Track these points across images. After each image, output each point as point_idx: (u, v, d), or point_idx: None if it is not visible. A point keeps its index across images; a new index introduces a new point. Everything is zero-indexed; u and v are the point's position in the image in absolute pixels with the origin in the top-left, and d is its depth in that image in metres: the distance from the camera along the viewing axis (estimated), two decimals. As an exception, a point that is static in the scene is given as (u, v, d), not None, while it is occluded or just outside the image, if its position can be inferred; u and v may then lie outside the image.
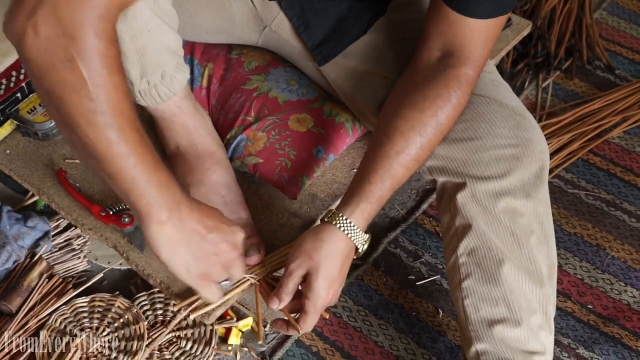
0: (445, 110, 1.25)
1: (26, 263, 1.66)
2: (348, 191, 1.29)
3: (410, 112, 1.26)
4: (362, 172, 1.28)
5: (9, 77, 1.55)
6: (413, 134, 1.25)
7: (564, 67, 2.17)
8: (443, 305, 1.69)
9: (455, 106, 1.26)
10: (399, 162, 1.25)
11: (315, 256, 1.25)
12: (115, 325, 1.60)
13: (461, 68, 1.26)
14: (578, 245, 1.79)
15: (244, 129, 1.53)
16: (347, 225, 1.26)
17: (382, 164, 1.25)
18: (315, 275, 1.25)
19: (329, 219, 1.27)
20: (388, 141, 1.26)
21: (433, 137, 1.26)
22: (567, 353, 1.62)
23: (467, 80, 1.26)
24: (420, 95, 1.26)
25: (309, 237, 1.28)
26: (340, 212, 1.26)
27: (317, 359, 1.61)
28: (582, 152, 1.96)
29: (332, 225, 1.26)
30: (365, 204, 1.26)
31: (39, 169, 1.57)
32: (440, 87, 1.26)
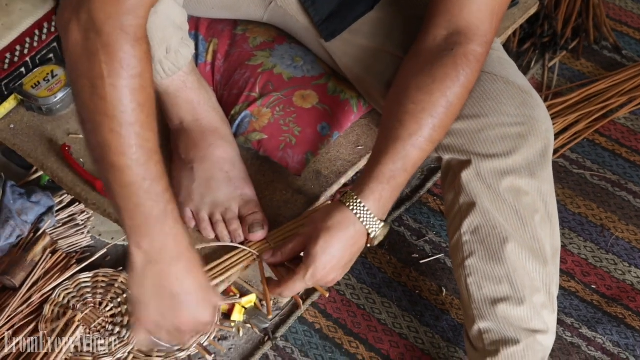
0: (454, 90, 1.23)
1: (30, 238, 1.67)
2: (362, 175, 1.27)
3: (419, 95, 1.23)
4: (373, 156, 1.26)
5: (13, 52, 1.54)
6: (424, 116, 1.22)
7: (570, 47, 2.16)
8: (446, 284, 1.69)
9: (464, 84, 1.24)
10: (412, 144, 1.22)
11: (319, 226, 1.23)
12: (118, 300, 1.61)
13: (469, 45, 1.24)
14: (582, 226, 1.79)
15: (249, 105, 1.52)
16: (357, 205, 1.23)
17: (393, 146, 1.22)
18: (315, 243, 1.23)
19: (342, 199, 1.25)
20: (400, 124, 1.23)
21: (445, 118, 1.24)
22: (570, 333, 1.62)
23: (476, 58, 1.24)
24: (429, 77, 1.24)
25: (321, 211, 1.27)
26: (353, 193, 1.24)
27: (320, 336, 1.61)
28: (588, 133, 1.95)
29: (342, 204, 1.24)
30: (376, 184, 1.23)
31: (43, 143, 1.56)
32: (448, 67, 1.24)
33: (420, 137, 1.23)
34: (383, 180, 1.23)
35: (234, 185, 1.44)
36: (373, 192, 1.23)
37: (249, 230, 1.39)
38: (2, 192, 1.64)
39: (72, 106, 1.61)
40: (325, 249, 1.22)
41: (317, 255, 1.23)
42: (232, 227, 1.41)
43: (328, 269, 1.24)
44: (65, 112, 1.60)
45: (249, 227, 1.40)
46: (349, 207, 1.23)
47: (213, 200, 1.43)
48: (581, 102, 2.01)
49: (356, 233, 1.24)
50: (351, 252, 1.26)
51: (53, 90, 1.57)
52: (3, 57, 1.53)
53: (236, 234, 1.41)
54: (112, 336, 1.55)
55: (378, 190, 1.23)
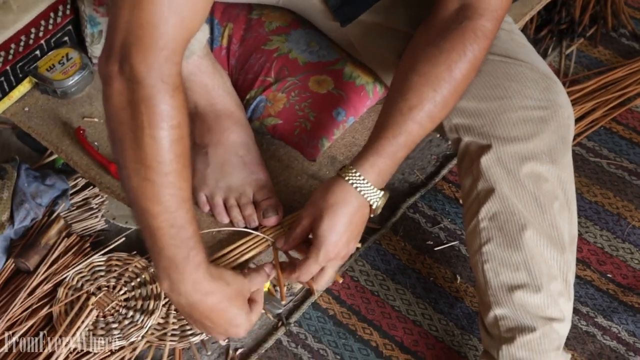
0: (460, 65, 1.22)
1: (44, 221, 1.66)
2: (362, 148, 1.27)
3: (424, 66, 1.23)
4: (375, 129, 1.26)
5: (28, 34, 1.54)
6: (427, 89, 1.22)
7: (588, 34, 2.14)
8: (461, 271, 1.68)
9: (471, 60, 1.22)
10: (412, 119, 1.22)
11: (321, 206, 1.24)
12: (132, 284, 1.60)
13: (478, 20, 1.22)
14: (599, 214, 1.77)
15: (264, 90, 1.52)
16: (356, 178, 1.23)
17: (394, 120, 1.23)
18: (320, 223, 1.23)
19: (340, 172, 1.25)
20: (401, 97, 1.23)
21: (447, 94, 1.23)
22: (586, 322, 1.61)
23: (484, 33, 1.23)
24: (436, 48, 1.23)
25: (319, 190, 1.27)
26: (351, 166, 1.24)
27: (333, 322, 1.61)
28: (605, 121, 1.94)
29: (341, 178, 1.24)
30: (375, 158, 1.23)
31: (58, 126, 1.56)
32: (456, 40, 1.22)
33: (421, 112, 1.22)
34: (383, 154, 1.23)
35: (248, 169, 1.44)
36: (372, 166, 1.23)
37: (263, 215, 1.39)
38: (17, 175, 1.64)
39: (87, 89, 1.61)
40: (331, 227, 1.23)
41: (325, 235, 1.23)
42: (247, 212, 1.41)
43: (339, 245, 1.25)
44: (80, 95, 1.60)
45: (263, 212, 1.40)
46: (348, 182, 1.23)
47: (227, 185, 1.42)
48: (598, 89, 1.99)
49: (359, 206, 1.25)
50: (356, 225, 1.27)
51: (68, 73, 1.57)
52: (18, 39, 1.53)
53: (250, 219, 1.40)
54: (125, 320, 1.55)
55: (378, 163, 1.23)
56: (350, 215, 1.24)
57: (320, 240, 1.24)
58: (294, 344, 1.58)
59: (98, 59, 1.09)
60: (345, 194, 1.23)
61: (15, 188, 1.62)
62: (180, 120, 1.04)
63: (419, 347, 1.58)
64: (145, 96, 1.01)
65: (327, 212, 1.23)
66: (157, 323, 1.57)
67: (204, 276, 1.16)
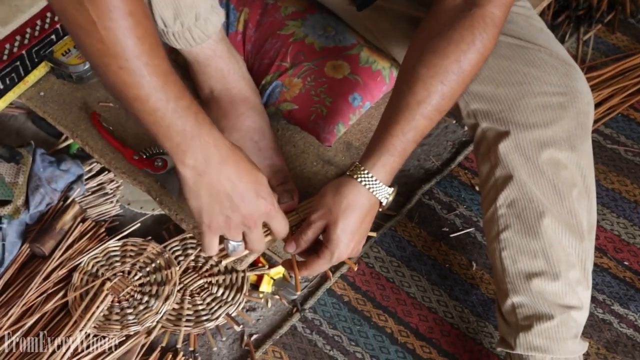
0: (469, 55, 1.20)
1: (59, 206, 1.67)
2: (370, 144, 1.26)
3: (433, 58, 1.21)
4: (383, 124, 1.25)
5: (44, 19, 1.53)
6: (435, 82, 1.20)
7: (605, 20, 2.11)
8: (476, 258, 1.67)
9: (480, 50, 1.20)
10: (420, 113, 1.21)
11: (335, 210, 1.23)
12: (147, 269, 1.60)
13: (487, 7, 1.20)
14: (616, 201, 1.76)
15: (280, 75, 1.51)
16: (368, 179, 1.22)
17: (403, 116, 1.21)
18: (334, 228, 1.23)
19: (350, 172, 1.24)
20: (409, 91, 1.22)
21: (455, 85, 1.21)
22: (602, 309, 1.60)
23: (493, 21, 1.20)
24: (444, 39, 1.21)
25: (330, 190, 1.26)
26: (362, 166, 1.23)
27: (348, 309, 1.60)
28: (623, 107, 1.92)
29: (353, 179, 1.23)
30: (387, 157, 1.22)
31: (73, 111, 1.56)
32: (464, 29, 1.20)
33: (429, 106, 1.21)
34: (394, 152, 1.22)
35: (263, 155, 1.43)
36: (384, 165, 1.23)
37: (278, 200, 1.38)
38: (32, 160, 1.64)
39: (102, 74, 1.60)
40: (344, 230, 1.23)
41: (339, 239, 1.23)
42: (262, 197, 1.40)
43: (351, 247, 1.25)
44: (95, 80, 1.59)
45: (278, 198, 1.39)
46: (360, 183, 1.23)
47: (242, 170, 1.41)
48: (616, 76, 1.97)
49: (370, 206, 1.24)
50: (367, 223, 1.27)
51: (83, 58, 1.56)
52: (34, 23, 1.52)
53: (265, 204, 1.39)
54: (140, 305, 1.55)
55: (389, 162, 1.23)
56: (362, 217, 1.24)
57: (334, 243, 1.23)
58: (309, 330, 1.58)
59: None
60: (357, 195, 1.23)
61: (30, 173, 1.62)
62: (132, 8, 0.99)
63: (434, 334, 1.57)
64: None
65: (340, 216, 1.22)
66: (172, 308, 1.57)
67: (220, 135, 1.12)
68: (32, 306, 1.57)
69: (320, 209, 1.25)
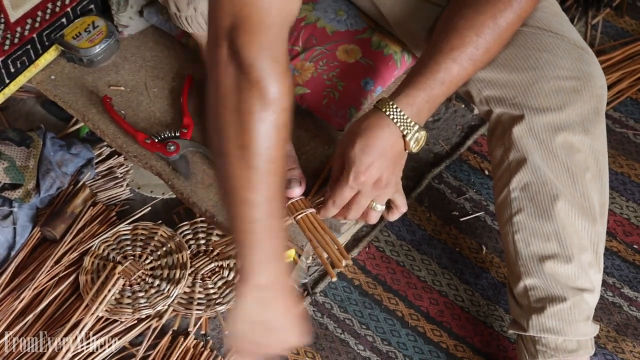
0: (505, 14, 1.20)
1: (70, 190, 1.67)
2: (399, 84, 1.25)
3: (470, 12, 1.21)
4: (414, 67, 1.24)
5: (55, 2, 1.53)
6: (470, 33, 1.20)
7: (614, 4, 2.11)
8: (487, 242, 1.67)
9: (517, 11, 1.20)
10: (452, 58, 1.20)
11: (354, 129, 1.22)
12: (158, 253, 1.61)
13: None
14: (625, 185, 1.76)
15: (292, 59, 1.50)
16: (393, 109, 1.21)
17: (433, 58, 1.21)
18: (351, 144, 1.21)
19: (376, 104, 1.23)
20: (443, 38, 1.21)
21: (490, 39, 1.21)
22: (612, 292, 1.61)
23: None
24: (489, 1, 1.21)
25: (355, 120, 1.25)
26: (388, 98, 1.22)
27: (359, 292, 1.61)
28: (631, 91, 1.92)
29: (377, 108, 1.22)
30: (411, 90, 1.21)
31: (84, 95, 1.56)
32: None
33: (462, 53, 1.20)
34: (419, 87, 1.21)
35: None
36: (407, 97, 1.21)
37: (286, 186, 1.38)
38: (43, 144, 1.64)
39: (113, 58, 1.60)
40: (362, 148, 1.20)
41: (356, 156, 1.20)
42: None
43: (371, 169, 1.21)
44: (106, 63, 1.59)
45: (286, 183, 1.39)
46: (382, 110, 1.21)
47: (251, 155, 1.41)
48: (624, 60, 1.97)
49: (392, 134, 1.21)
50: (390, 154, 1.23)
51: (94, 42, 1.56)
52: (44, 7, 1.52)
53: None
54: (152, 289, 1.56)
55: (412, 95, 1.21)
56: (382, 141, 1.21)
57: (351, 161, 1.21)
58: (320, 314, 1.59)
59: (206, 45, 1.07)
60: (378, 120, 1.21)
61: (41, 157, 1.63)
62: (288, 104, 1.00)
63: (445, 318, 1.58)
64: (256, 79, 0.97)
65: (359, 135, 1.20)
66: (184, 292, 1.57)
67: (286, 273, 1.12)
68: (43, 290, 1.57)
69: (343, 137, 1.25)
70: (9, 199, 1.58)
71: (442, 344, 1.55)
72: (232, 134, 1.00)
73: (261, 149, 1.00)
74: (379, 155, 1.21)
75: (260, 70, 0.97)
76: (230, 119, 1.00)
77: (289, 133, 1.03)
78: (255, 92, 0.97)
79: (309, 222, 1.35)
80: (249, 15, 0.96)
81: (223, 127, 1.01)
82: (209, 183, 1.46)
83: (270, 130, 0.99)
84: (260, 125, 0.98)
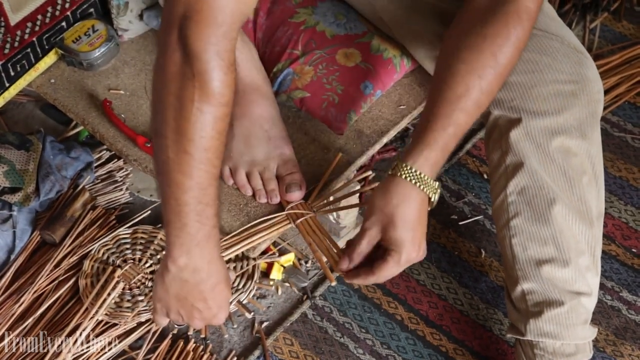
0: (505, 50, 1.18)
1: (69, 194, 1.67)
2: (411, 142, 1.22)
3: (469, 54, 1.19)
4: (423, 120, 1.22)
5: (55, 6, 1.53)
6: (472, 77, 1.18)
7: (612, 8, 2.12)
8: (485, 246, 1.68)
9: (515, 44, 1.20)
10: (460, 108, 1.18)
11: (388, 210, 1.17)
12: (157, 257, 1.61)
13: (521, 1, 1.21)
14: (623, 189, 1.77)
15: (291, 63, 1.51)
16: (413, 174, 1.18)
17: (443, 110, 1.18)
18: (393, 227, 1.17)
19: (393, 171, 1.20)
20: (447, 87, 1.19)
21: (493, 80, 1.19)
22: (611, 296, 1.61)
23: (528, 15, 1.20)
24: (479, 36, 1.20)
25: (377, 194, 1.21)
26: (403, 162, 1.19)
27: (358, 296, 1.61)
28: (629, 95, 1.93)
29: (397, 177, 1.18)
30: (429, 151, 1.18)
31: (84, 99, 1.56)
32: (500, 24, 1.19)
33: (468, 100, 1.18)
34: (435, 146, 1.18)
35: (273, 144, 1.43)
36: (427, 159, 1.18)
37: (286, 190, 1.38)
38: (42, 147, 1.64)
39: (113, 61, 1.60)
40: (404, 227, 1.17)
41: (402, 237, 1.17)
42: (270, 186, 1.41)
43: (416, 243, 1.19)
44: (106, 67, 1.59)
45: (286, 187, 1.39)
46: (406, 180, 1.18)
47: (251, 159, 1.42)
48: (622, 64, 1.98)
49: (421, 201, 1.19)
50: (424, 219, 1.21)
51: (94, 45, 1.56)
52: (44, 10, 1.52)
53: (273, 194, 1.40)
54: (151, 292, 1.56)
55: (432, 157, 1.18)
56: (417, 212, 1.18)
57: (398, 243, 1.17)
58: (319, 317, 1.59)
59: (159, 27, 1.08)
60: (406, 191, 1.18)
61: (40, 160, 1.63)
62: (229, 99, 1.03)
63: (444, 321, 1.58)
64: (200, 71, 1.00)
65: (395, 213, 1.17)
66: (183, 295, 1.57)
67: (218, 255, 1.17)
68: (43, 293, 1.58)
69: (373, 214, 1.19)
70: (8, 202, 1.58)
71: (442, 348, 1.56)
72: (171, 118, 1.03)
73: (196, 137, 1.03)
74: (417, 225, 1.19)
75: (205, 63, 1.00)
76: (170, 103, 1.03)
77: (227, 126, 1.06)
78: (197, 82, 1.01)
79: (308, 226, 1.35)
80: (201, 9, 0.99)
81: (163, 109, 1.04)
82: (209, 187, 1.46)
83: (208, 121, 1.03)
84: (199, 115, 1.02)
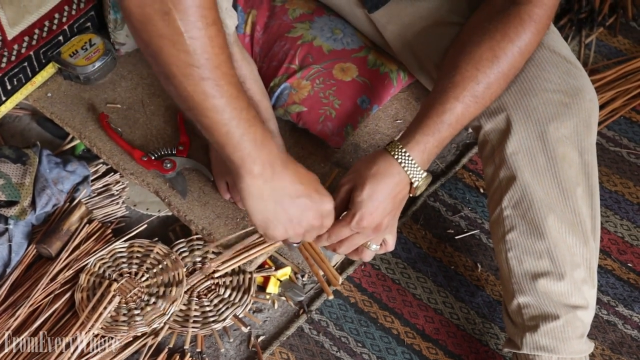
0: (502, 45, 1.22)
1: (65, 207, 1.67)
2: (408, 127, 1.27)
3: (469, 48, 1.24)
4: (421, 108, 1.27)
5: (52, 20, 1.54)
6: (469, 68, 1.22)
7: (607, 23, 2.13)
8: (482, 260, 1.68)
9: (515, 42, 1.22)
10: (454, 97, 1.22)
11: (364, 174, 1.24)
12: (154, 271, 1.61)
13: (526, 5, 1.22)
14: (619, 204, 1.77)
15: (288, 77, 1.51)
16: (401, 153, 1.23)
17: (438, 98, 1.23)
18: (360, 190, 1.23)
19: (386, 146, 1.26)
20: (445, 76, 1.24)
21: (490, 72, 1.23)
22: (607, 310, 1.61)
23: (531, 17, 1.21)
24: (480, 30, 1.24)
25: (363, 159, 1.28)
26: (398, 142, 1.25)
27: (355, 310, 1.61)
28: (625, 110, 1.93)
29: (386, 152, 1.25)
30: (421, 136, 1.23)
31: (81, 112, 1.56)
32: (500, 23, 1.22)
33: (464, 90, 1.22)
34: (428, 132, 1.23)
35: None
36: (418, 143, 1.23)
37: None
38: (38, 161, 1.64)
39: (110, 75, 1.61)
40: (370, 195, 1.23)
41: (364, 202, 1.23)
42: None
43: (374, 215, 1.24)
44: (103, 81, 1.60)
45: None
46: (394, 156, 1.24)
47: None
48: (618, 79, 1.98)
49: (400, 181, 1.24)
50: (395, 200, 1.26)
51: (91, 59, 1.57)
52: (41, 24, 1.53)
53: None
54: (147, 306, 1.55)
55: (423, 141, 1.23)
56: (390, 188, 1.24)
57: (357, 206, 1.23)
58: (316, 332, 1.59)
59: None
60: (388, 166, 1.23)
61: (37, 174, 1.63)
62: (214, 17, 1.02)
63: (440, 335, 1.58)
64: (174, 2, 0.98)
65: (369, 180, 1.23)
66: (179, 310, 1.57)
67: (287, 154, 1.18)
68: (39, 307, 1.57)
69: (350, 174, 1.27)
70: (4, 216, 1.58)
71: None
72: (171, 56, 1.02)
73: (203, 61, 1.02)
74: (384, 200, 1.24)
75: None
76: (161, 45, 1.01)
77: (225, 38, 1.05)
78: (177, 13, 0.99)
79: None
80: None
81: (157, 54, 1.03)
82: (206, 201, 1.46)
83: (206, 43, 1.01)
84: (194, 42, 1.01)
